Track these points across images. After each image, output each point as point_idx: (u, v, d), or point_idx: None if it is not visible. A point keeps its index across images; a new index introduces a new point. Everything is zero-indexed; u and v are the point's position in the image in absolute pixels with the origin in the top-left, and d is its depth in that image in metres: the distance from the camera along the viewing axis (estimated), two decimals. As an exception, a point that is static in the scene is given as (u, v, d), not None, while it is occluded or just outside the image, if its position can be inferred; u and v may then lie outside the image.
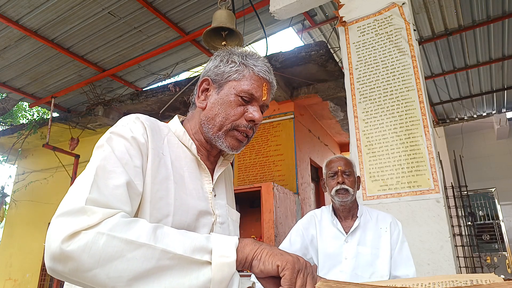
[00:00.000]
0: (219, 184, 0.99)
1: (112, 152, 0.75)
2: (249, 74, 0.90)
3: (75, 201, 0.65)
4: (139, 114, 0.86)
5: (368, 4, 2.73)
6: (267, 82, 0.93)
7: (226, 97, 0.89)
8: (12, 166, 7.31)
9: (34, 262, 6.03)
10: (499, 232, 6.55)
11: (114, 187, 0.70)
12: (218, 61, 0.93)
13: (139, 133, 0.80)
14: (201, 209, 0.86)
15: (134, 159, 0.77)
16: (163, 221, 0.77)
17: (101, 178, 0.70)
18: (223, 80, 0.91)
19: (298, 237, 1.80)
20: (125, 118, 0.84)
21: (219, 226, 0.91)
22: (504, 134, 6.88)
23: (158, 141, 0.85)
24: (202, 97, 0.93)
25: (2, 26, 4.18)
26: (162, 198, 0.79)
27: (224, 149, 0.91)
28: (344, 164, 1.77)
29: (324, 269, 1.70)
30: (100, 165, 0.72)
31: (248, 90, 0.89)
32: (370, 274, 1.62)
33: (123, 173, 0.73)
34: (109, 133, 0.80)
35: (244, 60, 0.91)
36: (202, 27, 4.39)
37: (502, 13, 4.19)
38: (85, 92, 5.54)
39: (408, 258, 1.65)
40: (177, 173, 0.85)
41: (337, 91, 4.39)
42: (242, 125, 0.89)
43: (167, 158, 0.85)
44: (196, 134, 0.94)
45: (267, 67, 0.93)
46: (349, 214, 1.77)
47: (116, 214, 0.66)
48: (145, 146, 0.80)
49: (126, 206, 0.70)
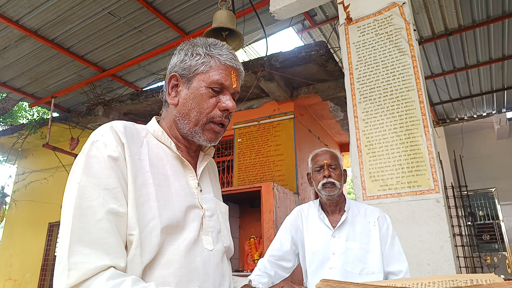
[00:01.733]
0: (204, 178, 0.99)
1: (87, 182, 0.75)
2: (216, 64, 0.90)
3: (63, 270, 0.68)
4: (113, 123, 0.86)
5: (368, 4, 2.73)
6: (235, 69, 0.93)
7: (197, 91, 0.89)
8: (12, 166, 7.31)
9: (34, 262, 6.03)
10: (499, 232, 6.55)
11: (95, 222, 0.71)
12: (183, 55, 0.93)
13: (113, 146, 0.80)
14: (189, 204, 0.87)
15: (111, 180, 0.76)
16: (151, 224, 0.78)
17: (79, 221, 0.71)
18: (191, 74, 0.90)
19: (287, 235, 1.80)
20: (98, 131, 0.84)
21: (208, 219, 0.91)
22: (504, 134, 6.88)
23: (135, 146, 0.85)
24: (172, 93, 0.93)
25: (2, 26, 4.18)
26: (144, 203, 0.79)
27: (202, 143, 0.92)
28: (330, 158, 1.75)
29: (312, 266, 1.68)
30: (76, 205, 0.72)
31: (218, 80, 0.89)
32: (360, 270, 1.60)
33: (101, 204, 0.73)
34: (83, 156, 0.79)
35: (208, 50, 0.91)
36: (202, 27, 4.39)
37: (502, 13, 4.19)
38: (85, 92, 5.54)
39: (400, 253, 1.64)
40: (159, 174, 0.86)
41: (337, 91, 4.39)
42: (217, 115, 0.90)
43: (144, 162, 0.85)
44: (172, 131, 0.95)
45: (232, 54, 0.93)
46: (336, 208, 1.75)
47: (101, 275, 0.67)
48: (121, 157, 0.80)
49: (111, 238, 0.71)
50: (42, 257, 6.00)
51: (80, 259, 0.67)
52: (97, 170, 0.76)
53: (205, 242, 0.87)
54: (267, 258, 1.78)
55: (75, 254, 0.68)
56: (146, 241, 0.77)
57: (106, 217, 0.73)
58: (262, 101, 4.91)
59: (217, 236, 0.92)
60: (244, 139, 4.86)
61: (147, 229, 0.77)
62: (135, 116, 5.48)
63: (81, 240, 0.69)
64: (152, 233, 0.77)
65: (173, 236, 0.81)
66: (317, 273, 1.65)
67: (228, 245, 0.97)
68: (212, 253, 0.88)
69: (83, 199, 0.73)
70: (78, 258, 0.67)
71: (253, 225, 4.25)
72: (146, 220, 0.78)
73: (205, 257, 0.85)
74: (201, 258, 0.84)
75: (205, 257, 0.85)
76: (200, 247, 0.85)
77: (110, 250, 0.71)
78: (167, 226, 0.80)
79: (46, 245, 6.08)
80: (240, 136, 4.90)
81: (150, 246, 0.77)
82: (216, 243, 0.91)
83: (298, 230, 1.79)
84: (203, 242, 0.87)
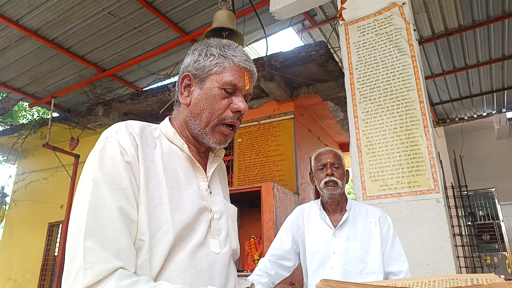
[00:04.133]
0: (214, 180, 0.99)
1: (101, 179, 0.74)
2: (230, 66, 0.90)
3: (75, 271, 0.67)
4: (129, 122, 0.85)
5: (368, 4, 2.73)
6: (248, 71, 0.92)
7: (209, 91, 0.89)
8: (12, 166, 7.31)
9: (34, 262, 6.03)
10: (499, 232, 6.54)
11: (109, 222, 0.71)
12: (197, 56, 0.93)
13: (127, 145, 0.79)
14: (200, 207, 0.86)
15: (124, 180, 0.76)
16: (163, 228, 0.77)
17: (93, 219, 0.70)
18: (204, 74, 0.90)
19: (288, 234, 1.79)
20: (112, 128, 0.83)
21: (216, 221, 0.90)
22: (504, 134, 6.88)
23: (148, 148, 0.84)
24: (185, 93, 0.93)
25: (2, 26, 4.18)
26: (157, 206, 0.79)
27: (211, 145, 0.91)
28: (333, 157, 1.75)
29: (312, 265, 1.68)
30: (90, 202, 0.72)
31: (231, 81, 0.89)
32: (360, 269, 1.60)
33: (115, 203, 0.73)
34: (97, 152, 0.78)
35: (222, 51, 0.91)
36: (202, 27, 4.39)
37: (502, 13, 4.19)
38: (85, 92, 5.54)
39: (400, 253, 1.64)
40: (171, 176, 0.85)
41: (337, 91, 4.39)
42: (228, 117, 0.89)
43: (158, 164, 0.84)
44: (182, 131, 0.94)
45: (246, 56, 0.93)
46: (338, 207, 1.75)
47: (113, 276, 0.67)
48: (134, 159, 0.79)
49: (123, 240, 0.71)
50: (42, 257, 6.00)
51: (95, 258, 0.66)
52: (110, 167, 0.76)
53: (212, 245, 0.87)
54: (268, 258, 1.78)
55: (91, 252, 0.67)
56: (158, 245, 0.76)
57: (119, 217, 0.72)
58: (262, 101, 4.91)
59: (225, 239, 0.91)
60: (244, 139, 4.86)
61: (159, 233, 0.76)
62: (135, 116, 5.48)
63: (96, 238, 0.68)
64: (165, 238, 0.77)
65: (182, 239, 0.81)
66: (317, 272, 1.66)
67: (235, 248, 0.96)
68: (218, 256, 0.87)
69: (97, 196, 0.72)
70: (94, 258, 0.66)
71: (253, 225, 4.25)
72: (159, 224, 0.77)
73: (211, 260, 0.85)
74: (208, 261, 0.84)
75: (211, 260, 0.85)
76: (207, 250, 0.85)
77: (123, 251, 0.70)
78: (180, 230, 0.79)
79: (46, 245, 6.08)
80: (240, 136, 4.90)
81: (162, 250, 0.76)
82: (224, 246, 0.90)
83: (300, 229, 1.79)
84: (210, 245, 0.86)
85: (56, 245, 6.07)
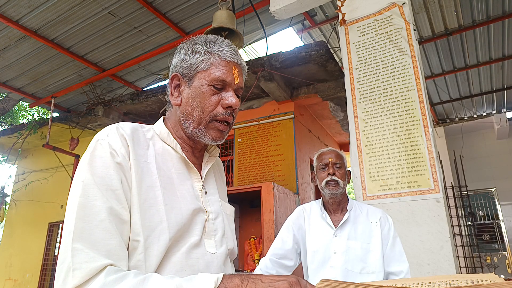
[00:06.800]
0: (209, 180, 0.98)
1: (91, 180, 0.74)
2: (216, 61, 0.88)
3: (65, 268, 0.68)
4: (120, 124, 0.85)
5: (368, 4, 2.73)
6: (236, 64, 0.90)
7: (198, 89, 0.88)
8: (12, 166, 7.31)
9: (34, 262, 6.03)
10: (499, 232, 6.55)
11: (98, 223, 0.71)
12: (183, 54, 0.92)
13: (118, 147, 0.79)
14: (194, 207, 0.86)
15: (114, 181, 0.76)
16: (159, 228, 0.77)
17: (82, 221, 0.70)
18: (192, 72, 0.89)
19: (289, 234, 1.80)
20: (104, 130, 0.83)
21: (211, 222, 0.90)
22: (504, 134, 6.88)
23: (140, 149, 0.84)
24: (175, 94, 0.92)
25: (2, 26, 4.18)
26: (152, 206, 0.78)
27: (208, 142, 0.90)
28: (335, 156, 1.76)
29: (313, 264, 1.68)
30: (79, 204, 0.72)
31: (219, 77, 0.87)
32: (360, 269, 1.61)
33: (104, 204, 0.73)
34: (88, 154, 0.78)
35: (208, 47, 0.89)
36: (202, 27, 4.39)
37: (502, 13, 4.19)
38: (85, 92, 5.54)
39: (400, 254, 1.65)
40: (165, 177, 0.85)
41: (337, 91, 4.39)
42: (220, 113, 0.88)
43: (151, 165, 0.84)
44: (177, 132, 0.94)
45: (232, 49, 0.91)
46: (339, 207, 1.75)
47: (101, 273, 0.67)
48: (126, 159, 0.79)
49: (113, 240, 0.71)
50: (42, 257, 6.01)
51: (84, 258, 0.67)
52: (101, 169, 0.76)
53: (208, 245, 0.86)
54: (269, 257, 1.78)
55: (79, 253, 0.67)
56: (153, 245, 0.76)
57: (109, 218, 0.72)
58: (262, 101, 4.91)
59: (221, 239, 0.91)
60: (244, 139, 4.86)
61: (154, 233, 0.76)
62: (135, 116, 5.48)
63: (85, 240, 0.69)
64: (161, 238, 0.76)
65: (177, 240, 0.80)
66: (318, 271, 1.66)
67: (232, 247, 0.96)
68: (215, 256, 0.87)
69: (87, 198, 0.72)
70: (82, 258, 0.67)
71: (253, 225, 4.25)
72: (154, 224, 0.77)
73: (208, 260, 0.85)
74: (204, 260, 0.84)
75: (208, 259, 0.85)
76: (203, 250, 0.85)
77: (113, 251, 0.70)
78: (176, 231, 0.79)
79: (46, 245, 6.08)
80: (240, 136, 4.90)
81: (158, 250, 0.76)
82: (220, 246, 0.90)
83: (301, 228, 1.80)
84: (206, 246, 0.86)
85: (56, 245, 6.08)
